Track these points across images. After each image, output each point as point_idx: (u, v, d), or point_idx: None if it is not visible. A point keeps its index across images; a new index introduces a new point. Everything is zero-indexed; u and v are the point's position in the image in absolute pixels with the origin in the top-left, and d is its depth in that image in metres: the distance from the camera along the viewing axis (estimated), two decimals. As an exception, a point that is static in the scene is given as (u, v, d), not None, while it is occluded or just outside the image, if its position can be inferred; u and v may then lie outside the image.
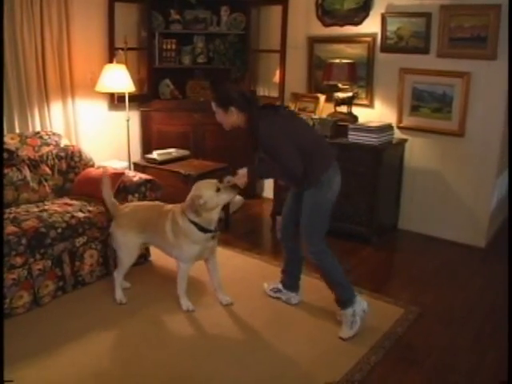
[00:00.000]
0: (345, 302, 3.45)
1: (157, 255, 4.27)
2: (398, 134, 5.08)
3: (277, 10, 5.64)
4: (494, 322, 3.65)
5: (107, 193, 3.84)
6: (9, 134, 4.53)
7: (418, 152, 5.09)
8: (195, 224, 3.50)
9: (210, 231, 3.55)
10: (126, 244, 3.75)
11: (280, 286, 3.90)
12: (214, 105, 3.36)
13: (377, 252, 4.80)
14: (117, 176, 4.28)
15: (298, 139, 3.24)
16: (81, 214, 3.92)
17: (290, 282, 3.86)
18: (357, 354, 3.23)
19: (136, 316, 3.62)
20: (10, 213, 3.84)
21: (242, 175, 3.41)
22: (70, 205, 4.06)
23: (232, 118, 3.33)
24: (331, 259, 3.46)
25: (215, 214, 3.54)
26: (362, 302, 3.47)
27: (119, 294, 3.81)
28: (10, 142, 4.27)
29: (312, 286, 4.00)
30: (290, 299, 3.84)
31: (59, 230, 3.73)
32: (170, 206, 3.72)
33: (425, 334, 3.52)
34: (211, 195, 3.44)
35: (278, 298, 3.88)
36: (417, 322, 3.64)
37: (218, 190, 3.45)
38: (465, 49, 4.60)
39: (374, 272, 4.44)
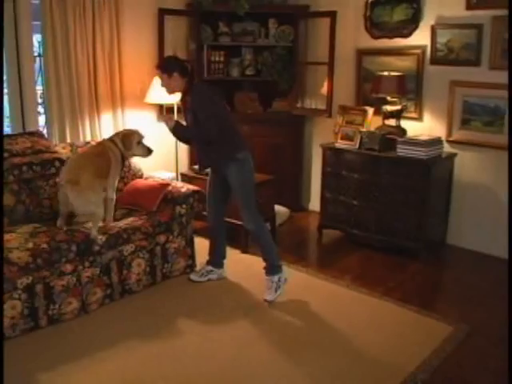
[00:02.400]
0: (275, 267, 4.00)
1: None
2: (447, 148, 4.98)
3: (325, 22, 5.61)
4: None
5: None
6: (60, 143, 4.65)
7: (468, 166, 4.98)
8: None
9: None
10: None
11: (209, 268, 4.30)
12: (159, 73, 3.90)
13: (425, 268, 4.70)
14: (162, 187, 4.33)
15: (222, 112, 3.92)
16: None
17: (218, 259, 4.32)
18: (403, 371, 3.15)
19: (180, 328, 3.64)
20: (61, 220, 3.93)
21: (170, 118, 4.09)
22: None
23: (175, 83, 3.87)
24: (266, 228, 4.20)
25: None
26: (284, 272, 4.04)
27: None
28: (62, 151, 4.36)
29: (362, 308, 3.95)
30: (221, 274, 4.32)
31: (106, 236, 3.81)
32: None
33: (473, 353, 3.42)
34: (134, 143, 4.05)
35: (210, 280, 4.26)
36: (466, 340, 3.54)
37: (139, 143, 4.09)
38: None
39: (422, 288, 4.35)
